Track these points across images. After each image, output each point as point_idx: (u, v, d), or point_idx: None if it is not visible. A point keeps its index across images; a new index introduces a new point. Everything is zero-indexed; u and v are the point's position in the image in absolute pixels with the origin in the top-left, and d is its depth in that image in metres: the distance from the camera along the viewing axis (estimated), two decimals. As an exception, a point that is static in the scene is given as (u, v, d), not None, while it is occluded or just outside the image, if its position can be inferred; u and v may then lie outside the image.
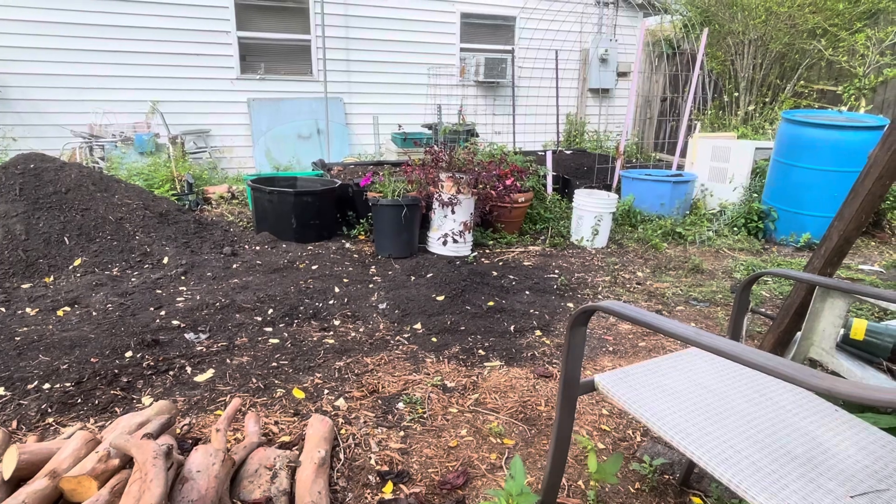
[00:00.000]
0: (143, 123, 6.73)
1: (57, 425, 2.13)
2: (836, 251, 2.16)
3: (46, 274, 3.64)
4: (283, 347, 2.84)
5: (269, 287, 3.58)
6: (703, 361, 1.67)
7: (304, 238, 4.64)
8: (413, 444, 2.12)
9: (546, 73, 8.56)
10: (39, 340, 2.74)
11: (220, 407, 2.30)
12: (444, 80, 8.32)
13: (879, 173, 1.99)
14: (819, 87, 7.49)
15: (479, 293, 3.64)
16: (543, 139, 8.92)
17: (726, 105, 8.19)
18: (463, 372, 2.67)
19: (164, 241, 4.16)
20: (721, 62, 8.13)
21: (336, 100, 7.73)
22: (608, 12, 9.22)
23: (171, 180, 5.62)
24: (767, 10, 7.22)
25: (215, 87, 7.14)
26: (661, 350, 3.02)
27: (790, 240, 5.11)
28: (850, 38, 6.89)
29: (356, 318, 3.23)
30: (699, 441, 1.29)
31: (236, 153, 7.42)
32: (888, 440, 1.35)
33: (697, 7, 8.21)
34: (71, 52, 6.37)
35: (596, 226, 4.86)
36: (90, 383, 2.38)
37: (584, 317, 1.39)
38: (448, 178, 4.34)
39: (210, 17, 6.91)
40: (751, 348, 1.07)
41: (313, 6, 7.37)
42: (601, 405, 2.45)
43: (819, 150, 4.84)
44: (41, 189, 4.05)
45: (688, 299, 3.79)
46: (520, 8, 8.42)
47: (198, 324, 3.03)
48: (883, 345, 2.11)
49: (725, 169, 5.84)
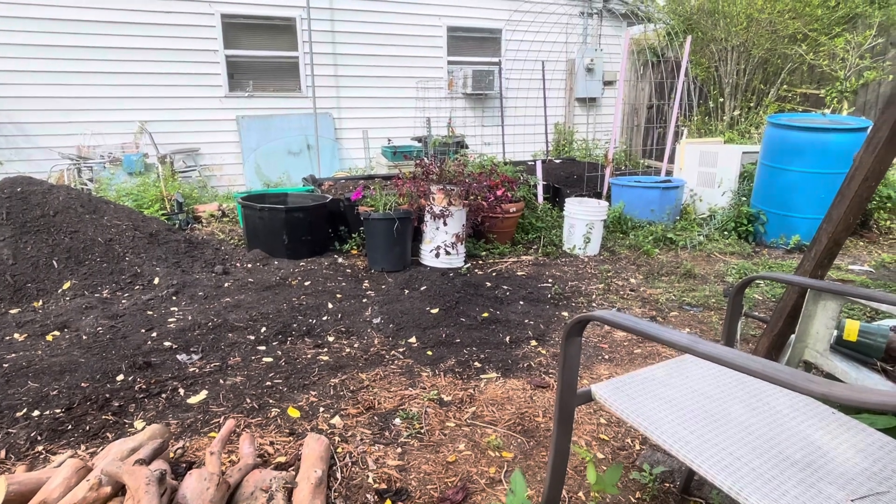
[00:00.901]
0: (131, 144, 6.71)
1: (47, 453, 2.09)
2: (826, 253, 2.18)
3: (35, 298, 3.59)
4: (276, 366, 2.81)
5: (261, 305, 3.55)
6: (698, 368, 1.67)
7: (296, 254, 4.62)
8: (411, 461, 2.09)
9: (533, 83, 8.64)
10: (28, 367, 2.70)
11: (213, 429, 2.27)
12: (433, 93, 8.37)
13: (865, 175, 2.02)
14: (802, 91, 7.60)
15: (474, 305, 3.63)
16: (533, 149, 8.98)
17: (712, 111, 8.30)
18: (459, 385, 2.66)
19: (155, 261, 4.13)
20: (705, 69, 8.25)
21: (325, 115, 7.75)
22: (593, 22, 9.34)
23: (161, 200, 5.59)
24: (748, 17, 7.35)
25: (204, 106, 7.13)
26: (657, 356, 3.02)
27: (780, 242, 5.16)
28: (829, 42, 7.02)
29: (350, 334, 3.21)
30: (698, 449, 1.28)
31: (226, 171, 7.40)
32: (886, 441, 1.35)
33: (680, 16, 8.34)
34: (57, 74, 6.36)
35: (588, 234, 4.87)
36: (81, 409, 2.34)
37: (579, 327, 1.39)
38: (439, 190, 4.35)
39: (197, 37, 6.93)
40: (746, 354, 1.07)
41: (300, 23, 7.42)
42: (599, 414, 2.44)
43: (805, 152, 4.90)
44: (29, 213, 4.01)
45: (681, 304, 3.80)
46: (505, 20, 8.52)
47: (190, 344, 2.99)
48: (876, 345, 2.12)
49: (713, 174, 5.90)
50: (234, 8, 7.04)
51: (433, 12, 8.18)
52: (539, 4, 8.46)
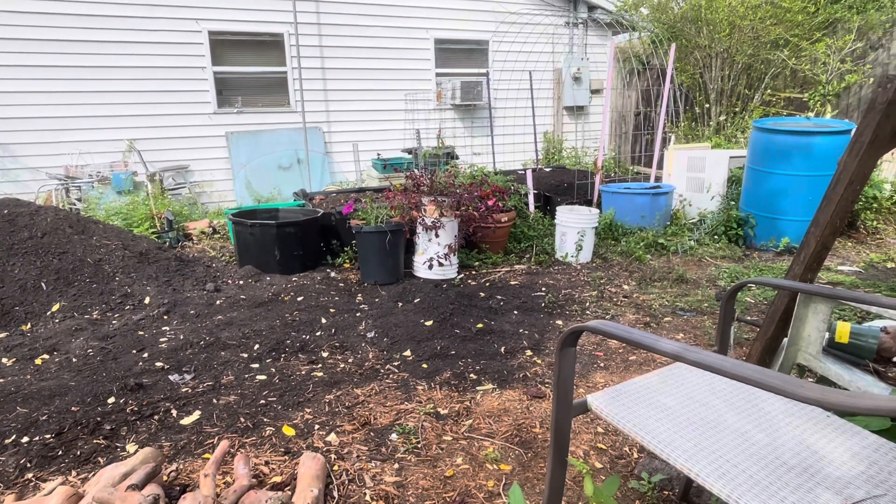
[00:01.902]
0: (120, 163, 6.68)
1: (37, 480, 2.05)
2: (815, 257, 2.20)
3: (23, 321, 3.54)
4: (270, 383, 2.78)
5: (254, 322, 3.53)
6: (693, 374, 1.67)
7: (289, 269, 4.60)
8: (408, 477, 2.07)
9: (521, 93, 8.70)
10: (17, 392, 2.65)
11: (207, 450, 2.24)
12: (422, 104, 8.42)
13: (850, 179, 2.04)
14: (786, 95, 7.72)
15: (468, 316, 3.63)
16: (523, 158, 9.02)
17: (698, 116, 8.39)
18: (455, 398, 2.64)
19: (145, 280, 4.09)
20: (690, 75, 8.36)
21: (315, 129, 7.76)
22: (578, 32, 9.45)
23: (151, 218, 5.56)
24: (731, 24, 7.47)
25: (193, 123, 7.12)
26: (652, 363, 3.02)
27: (770, 245, 5.20)
28: (811, 47, 7.15)
29: (344, 349, 3.19)
30: (695, 457, 1.28)
31: (216, 187, 7.38)
32: (881, 444, 1.35)
33: (664, 24, 8.46)
34: (44, 94, 6.33)
35: (580, 241, 4.89)
36: (71, 433, 2.30)
37: (573, 337, 1.39)
38: (430, 201, 4.36)
39: (185, 54, 6.93)
40: (739, 362, 1.08)
41: (288, 38, 7.45)
42: (596, 423, 2.44)
43: (790, 155, 4.96)
44: (16, 235, 3.97)
45: (674, 310, 3.81)
46: (492, 32, 8.60)
47: (182, 364, 2.96)
48: (867, 346, 2.13)
49: (702, 179, 5.95)
50: (221, 25, 7.06)
51: (421, 25, 8.24)
52: (525, 16, 8.55)
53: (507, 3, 8.57)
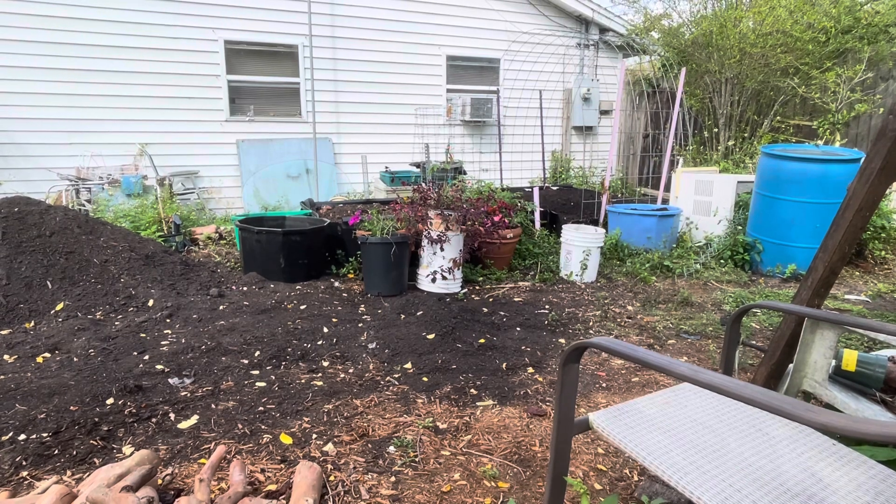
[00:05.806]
0: (130, 166, 6.74)
1: (31, 479, 2.03)
2: (823, 282, 2.18)
3: (27, 319, 3.55)
4: (270, 391, 2.77)
5: (256, 328, 3.52)
6: (696, 397, 1.65)
7: (293, 277, 4.60)
8: (405, 490, 2.05)
9: (531, 111, 8.76)
10: (16, 389, 2.65)
11: (204, 455, 2.22)
12: (432, 119, 8.48)
13: (859, 205, 2.04)
14: (795, 122, 7.73)
15: (470, 330, 3.61)
16: (530, 176, 9.05)
17: (707, 140, 8.41)
18: (455, 412, 2.62)
19: (150, 283, 4.10)
20: (700, 99, 8.39)
21: (325, 140, 7.83)
22: (589, 53, 9.53)
23: (158, 222, 5.59)
24: (741, 50, 7.51)
25: (204, 129, 7.20)
26: (655, 384, 2.99)
27: (776, 271, 5.17)
28: (820, 76, 7.17)
29: (345, 359, 3.17)
30: (698, 481, 1.26)
31: (225, 194, 7.43)
32: (887, 474, 1.33)
33: (674, 48, 8.53)
34: (59, 96, 6.43)
35: (585, 260, 4.88)
36: (68, 433, 2.29)
37: (576, 354, 1.38)
38: (437, 215, 4.36)
39: (200, 62, 7.04)
40: (746, 384, 1.06)
41: (302, 50, 7.55)
42: (597, 444, 2.40)
43: (799, 182, 4.95)
44: (25, 232, 4.00)
45: (678, 332, 3.78)
46: (504, 51, 8.69)
47: (182, 368, 2.95)
48: (875, 375, 2.10)
49: (709, 202, 5.94)
50: (238, 35, 7.17)
51: (433, 42, 8.34)
52: (537, 35, 8.64)
53: (519, 24, 8.67)
